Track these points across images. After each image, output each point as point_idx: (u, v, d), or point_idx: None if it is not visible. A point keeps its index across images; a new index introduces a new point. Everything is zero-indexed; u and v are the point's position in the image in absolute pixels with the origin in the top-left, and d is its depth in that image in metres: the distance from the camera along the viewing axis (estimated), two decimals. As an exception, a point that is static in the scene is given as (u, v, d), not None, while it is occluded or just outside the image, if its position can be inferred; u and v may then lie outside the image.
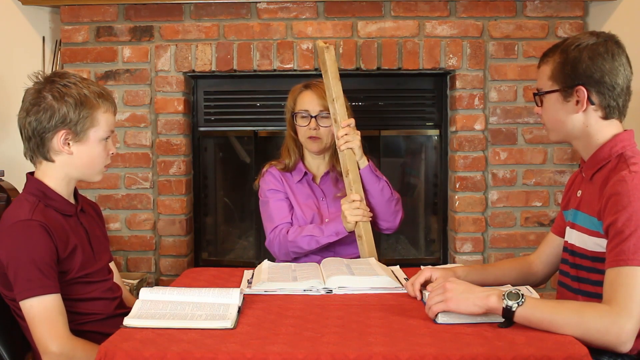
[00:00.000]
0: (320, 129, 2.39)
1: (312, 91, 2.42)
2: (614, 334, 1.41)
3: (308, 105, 2.41)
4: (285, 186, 2.46)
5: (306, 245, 2.31)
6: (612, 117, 1.65)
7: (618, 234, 1.48)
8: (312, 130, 2.39)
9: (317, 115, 2.39)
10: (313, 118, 2.39)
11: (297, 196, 2.45)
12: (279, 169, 2.49)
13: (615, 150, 1.63)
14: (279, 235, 2.36)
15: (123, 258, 3.03)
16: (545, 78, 1.68)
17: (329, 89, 2.29)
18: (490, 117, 2.97)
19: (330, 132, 2.39)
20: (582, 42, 1.63)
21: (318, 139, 2.40)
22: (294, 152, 2.48)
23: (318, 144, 2.41)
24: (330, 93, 2.29)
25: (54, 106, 1.70)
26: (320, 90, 2.40)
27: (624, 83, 1.63)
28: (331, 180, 2.48)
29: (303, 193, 2.45)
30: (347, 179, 2.30)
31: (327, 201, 2.46)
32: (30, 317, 1.62)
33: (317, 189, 2.48)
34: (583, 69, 1.62)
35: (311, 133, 2.39)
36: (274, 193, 2.44)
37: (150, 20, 2.97)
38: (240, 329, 1.46)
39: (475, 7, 2.93)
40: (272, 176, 2.47)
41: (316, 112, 2.39)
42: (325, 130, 2.40)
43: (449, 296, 1.51)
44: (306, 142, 2.43)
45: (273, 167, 2.50)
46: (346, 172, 2.30)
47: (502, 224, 2.98)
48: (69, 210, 1.77)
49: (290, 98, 2.47)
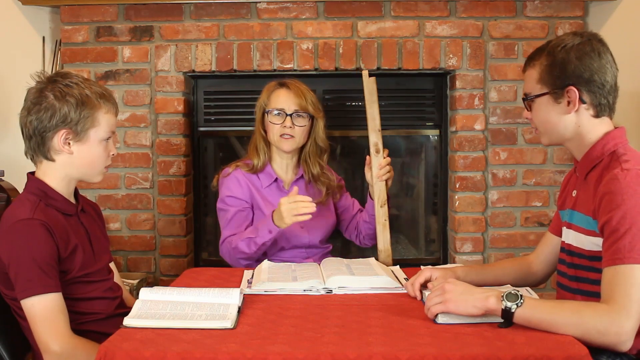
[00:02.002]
0: (295, 128, 2.38)
1: (289, 90, 2.41)
2: (613, 333, 1.41)
3: (284, 104, 2.39)
4: (252, 190, 2.40)
5: (246, 247, 2.26)
6: (603, 115, 1.66)
7: (613, 232, 1.49)
8: (287, 129, 2.37)
9: (292, 114, 2.38)
10: (288, 116, 2.37)
11: (266, 201, 2.41)
12: (245, 171, 2.44)
13: (607, 149, 1.63)
14: (228, 244, 2.33)
15: (123, 258, 3.03)
16: (533, 82, 1.69)
17: (374, 118, 2.30)
18: (490, 117, 2.97)
19: (304, 132, 2.41)
20: (567, 43, 1.64)
21: (292, 138, 2.39)
22: (263, 152, 2.44)
23: (291, 142, 2.39)
24: (375, 123, 2.30)
25: (55, 105, 1.70)
26: (297, 89, 2.41)
27: (612, 80, 1.64)
28: (304, 185, 2.47)
29: (272, 198, 2.42)
30: (382, 209, 2.30)
31: None
32: (31, 316, 1.62)
33: (287, 194, 2.38)
34: (572, 69, 1.62)
35: (286, 131, 2.37)
36: (234, 201, 2.39)
37: (150, 20, 2.97)
38: (240, 329, 1.47)
39: (475, 7, 2.93)
40: (236, 181, 2.41)
41: (292, 110, 2.38)
42: (300, 130, 2.39)
43: (448, 297, 1.51)
44: (278, 140, 2.40)
45: (238, 169, 2.44)
46: (382, 202, 2.30)
47: (502, 224, 2.98)
48: (69, 210, 1.77)
49: (264, 95, 2.45)
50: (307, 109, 2.40)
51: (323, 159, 2.50)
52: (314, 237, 2.45)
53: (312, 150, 2.48)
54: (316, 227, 2.44)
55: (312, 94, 2.46)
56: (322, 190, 2.49)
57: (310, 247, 2.45)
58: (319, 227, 2.46)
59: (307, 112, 2.41)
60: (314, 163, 2.48)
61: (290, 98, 2.40)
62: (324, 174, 2.50)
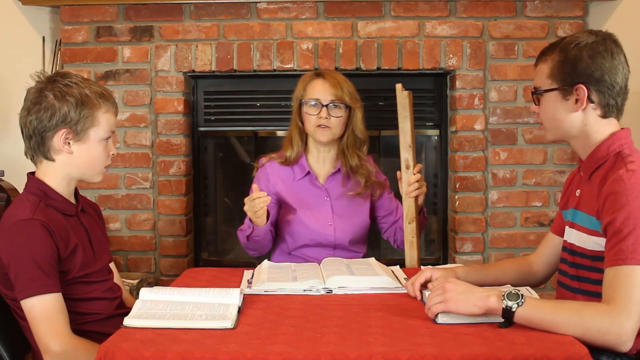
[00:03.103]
0: (331, 119, 2.34)
1: (325, 80, 2.37)
2: (613, 334, 1.41)
3: (319, 94, 2.35)
4: (280, 184, 2.39)
5: (242, 238, 2.32)
6: (610, 116, 1.65)
7: (616, 233, 1.48)
8: (322, 119, 2.33)
9: (328, 105, 2.34)
10: (324, 107, 2.34)
11: (296, 194, 2.39)
12: (279, 163, 2.43)
13: (612, 149, 1.63)
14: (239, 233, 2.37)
15: (123, 258, 3.03)
16: (544, 76, 1.68)
17: (406, 134, 2.24)
18: (490, 117, 2.97)
19: (341, 123, 2.36)
20: (581, 41, 1.63)
21: (328, 128, 2.34)
22: (297, 143, 2.41)
23: (327, 133, 2.35)
24: (407, 139, 2.24)
25: (54, 105, 1.70)
26: (333, 79, 2.36)
27: (622, 82, 1.63)
28: (340, 178, 2.42)
29: (305, 191, 2.39)
30: (410, 226, 2.25)
31: (331, 201, 2.40)
32: (31, 316, 1.62)
33: (321, 188, 2.41)
34: (583, 67, 1.62)
35: (321, 122, 2.33)
36: None
37: (150, 20, 2.97)
38: (240, 329, 1.47)
39: (475, 7, 2.93)
40: (264, 174, 2.41)
41: (327, 101, 2.34)
42: (336, 121, 2.35)
43: (449, 297, 1.51)
44: (315, 131, 2.36)
45: (272, 161, 2.44)
46: (411, 219, 2.25)
47: (502, 224, 2.98)
48: (69, 210, 1.77)
49: (300, 86, 2.41)
50: (344, 99, 2.35)
51: (362, 150, 2.43)
52: (341, 237, 2.38)
53: (350, 141, 2.41)
54: (344, 226, 2.39)
55: (350, 84, 2.41)
56: (361, 182, 2.42)
57: (337, 247, 2.39)
58: (348, 226, 2.40)
59: (344, 103, 2.35)
60: (352, 155, 2.41)
61: (326, 88, 2.35)
62: (362, 165, 2.42)
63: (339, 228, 2.38)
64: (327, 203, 2.40)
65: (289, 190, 2.39)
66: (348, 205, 2.42)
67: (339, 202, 2.41)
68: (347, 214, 2.40)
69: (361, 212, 2.44)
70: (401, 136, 2.25)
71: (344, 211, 2.40)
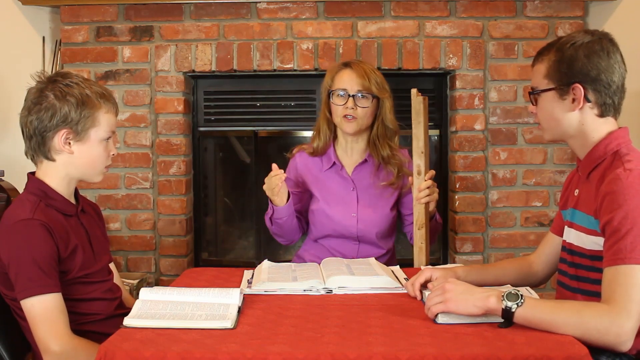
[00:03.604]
0: (357, 109, 2.32)
1: (352, 70, 2.35)
2: (613, 334, 1.41)
3: (347, 84, 2.33)
4: (308, 175, 2.40)
5: (268, 223, 2.35)
6: (607, 115, 1.65)
7: (615, 232, 1.48)
8: (349, 110, 2.31)
9: (355, 95, 2.32)
10: (351, 97, 2.32)
11: (324, 185, 2.38)
12: (308, 154, 2.44)
13: (610, 148, 1.63)
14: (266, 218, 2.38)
15: (123, 258, 3.03)
16: (541, 76, 1.68)
17: (419, 139, 2.20)
18: (490, 117, 2.97)
19: (368, 113, 2.33)
20: (577, 40, 1.64)
21: (354, 119, 2.32)
22: (324, 134, 2.40)
23: (354, 124, 2.33)
24: (420, 144, 2.20)
25: (55, 105, 1.70)
26: (360, 69, 2.34)
27: (619, 81, 1.63)
28: (369, 169, 2.40)
29: (331, 182, 2.39)
30: (420, 231, 2.22)
31: (357, 192, 2.38)
32: (31, 316, 1.62)
33: (347, 179, 2.39)
34: (579, 67, 1.62)
35: (347, 112, 2.31)
36: (288, 182, 2.34)
37: (150, 20, 2.97)
38: (240, 329, 1.46)
39: (475, 7, 2.94)
40: (294, 165, 2.44)
41: (354, 91, 2.32)
42: (363, 111, 2.32)
43: (448, 297, 1.51)
44: (341, 121, 2.34)
45: (302, 151, 2.46)
46: (420, 225, 2.22)
47: (502, 224, 2.98)
48: (69, 210, 1.77)
49: (328, 76, 2.40)
50: (371, 89, 2.33)
51: (394, 141, 2.41)
52: (364, 228, 2.36)
53: (381, 132, 2.39)
54: (368, 217, 2.37)
55: (378, 74, 2.38)
56: (394, 171, 2.40)
57: (362, 240, 2.37)
58: (372, 218, 2.37)
59: (371, 93, 2.33)
60: (383, 145, 2.39)
61: (353, 78, 2.33)
62: (394, 155, 2.39)
63: (363, 219, 2.36)
64: (353, 194, 2.39)
65: (316, 180, 2.40)
66: (375, 196, 2.40)
67: (365, 193, 2.39)
68: (373, 205, 2.37)
69: (388, 204, 2.41)
70: (414, 142, 2.22)
71: (370, 202, 2.38)
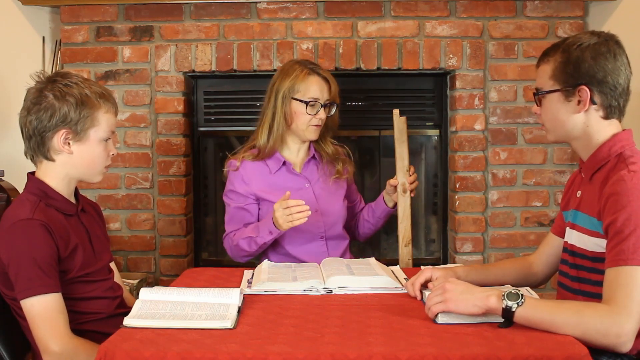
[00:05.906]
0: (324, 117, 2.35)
1: (321, 78, 2.34)
2: (613, 334, 1.41)
3: (317, 94, 2.31)
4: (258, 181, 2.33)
5: (247, 246, 2.25)
6: (612, 117, 1.65)
7: (617, 233, 1.48)
8: (320, 120, 2.32)
9: (325, 105, 2.33)
10: (323, 107, 2.32)
11: (277, 186, 2.33)
12: (251, 160, 2.36)
13: (614, 150, 1.63)
14: (230, 241, 2.33)
15: (123, 258, 3.03)
16: (546, 77, 1.68)
17: (403, 158, 2.30)
18: (490, 117, 2.97)
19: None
20: (583, 42, 1.63)
21: (319, 126, 2.35)
22: (279, 136, 2.33)
23: (318, 131, 2.36)
24: (403, 164, 2.31)
25: (54, 105, 1.70)
26: (326, 77, 2.34)
27: (625, 83, 1.63)
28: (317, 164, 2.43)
29: (284, 181, 2.35)
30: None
31: (312, 187, 2.39)
32: (31, 316, 1.62)
33: (299, 176, 2.39)
34: (586, 68, 1.61)
35: (318, 122, 2.32)
36: (235, 196, 2.34)
37: (150, 20, 2.97)
38: (240, 329, 1.47)
39: (475, 7, 2.93)
40: (240, 176, 2.34)
41: (325, 100, 2.33)
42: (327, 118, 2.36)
43: (449, 297, 1.51)
44: (308, 129, 2.33)
45: (245, 161, 2.35)
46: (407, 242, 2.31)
47: (502, 224, 2.98)
48: (69, 210, 1.77)
49: (287, 80, 2.31)
50: (336, 97, 2.36)
51: (331, 135, 2.46)
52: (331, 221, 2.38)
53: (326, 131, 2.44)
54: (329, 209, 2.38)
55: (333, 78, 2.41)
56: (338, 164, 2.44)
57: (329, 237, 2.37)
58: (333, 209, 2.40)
59: (335, 101, 2.37)
60: (326, 143, 2.44)
61: (324, 87, 2.32)
62: (336, 149, 2.47)
63: (327, 212, 2.38)
64: (309, 189, 2.39)
65: (268, 185, 2.35)
66: (328, 189, 2.42)
67: (318, 187, 2.41)
68: (330, 198, 2.40)
69: (342, 195, 2.46)
70: (398, 161, 2.30)
71: (326, 195, 2.40)
